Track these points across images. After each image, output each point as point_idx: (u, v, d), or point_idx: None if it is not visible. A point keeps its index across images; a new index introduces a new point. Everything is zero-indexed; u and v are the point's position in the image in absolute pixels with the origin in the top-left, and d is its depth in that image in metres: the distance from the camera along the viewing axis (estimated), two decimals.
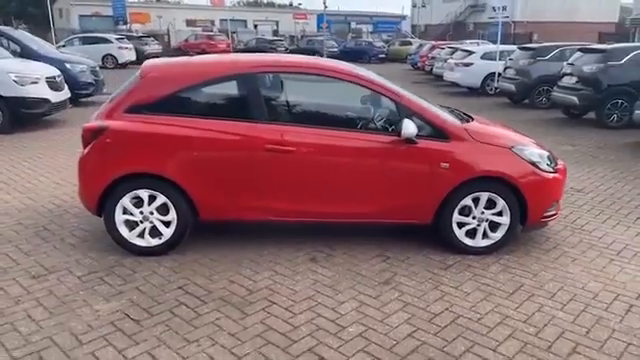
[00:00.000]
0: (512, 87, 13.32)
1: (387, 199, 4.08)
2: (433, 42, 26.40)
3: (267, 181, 4.01)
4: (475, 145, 4.03)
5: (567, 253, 4.26)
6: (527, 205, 4.08)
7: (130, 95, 4.03)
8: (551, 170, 4.19)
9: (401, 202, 4.09)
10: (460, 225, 4.13)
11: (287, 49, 29.92)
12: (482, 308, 3.40)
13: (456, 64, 16.12)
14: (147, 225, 4.06)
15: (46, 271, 3.84)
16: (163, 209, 4.02)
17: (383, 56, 33.01)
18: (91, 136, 3.97)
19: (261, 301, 3.45)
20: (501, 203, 4.07)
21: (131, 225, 4.05)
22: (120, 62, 24.59)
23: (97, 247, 4.25)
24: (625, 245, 4.44)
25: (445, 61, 18.47)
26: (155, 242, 4.08)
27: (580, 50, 11.15)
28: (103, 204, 4.01)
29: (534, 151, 4.19)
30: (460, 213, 4.11)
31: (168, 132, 3.94)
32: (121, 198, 3.98)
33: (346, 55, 29.04)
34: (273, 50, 30.44)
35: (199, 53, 30.17)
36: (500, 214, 4.11)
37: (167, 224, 4.06)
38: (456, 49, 18.85)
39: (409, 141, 3.94)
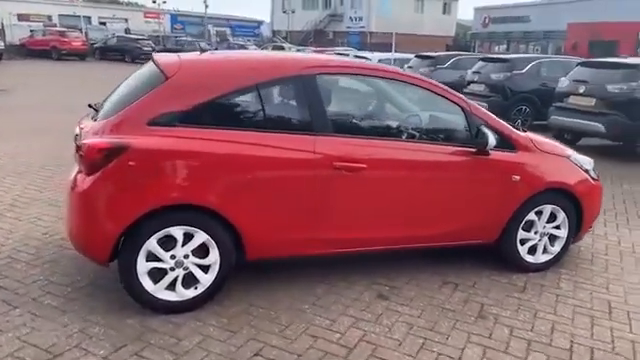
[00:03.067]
0: None
1: (457, 218, 3.62)
2: (313, 48, 26.57)
3: (333, 206, 3.28)
4: (541, 156, 3.77)
5: (605, 260, 4.23)
6: (583, 215, 3.95)
7: (154, 101, 2.99)
8: (597, 178, 4.13)
9: (471, 220, 3.66)
10: (522, 242, 3.86)
11: (154, 49, 27.63)
12: (603, 334, 3.13)
13: None
14: (180, 273, 3.06)
15: (49, 355, 2.66)
16: (201, 250, 3.08)
17: None
18: (103, 159, 2.85)
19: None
20: (562, 215, 3.88)
21: (154, 274, 3.03)
22: None
23: (99, 308, 3.10)
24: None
25: None
26: (191, 294, 3.10)
27: (482, 60, 11.86)
28: (118, 249, 2.94)
29: (585, 159, 4.08)
30: (522, 229, 3.83)
31: (211, 150, 3.01)
32: (147, 240, 2.94)
33: None
34: (139, 50, 27.92)
35: (47, 51, 26.42)
36: (558, 227, 3.93)
37: (205, 269, 3.12)
38: (346, 55, 19.14)
39: (481, 152, 3.54)
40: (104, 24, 50.36)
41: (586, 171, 3.99)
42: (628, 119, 7.76)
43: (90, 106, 3.54)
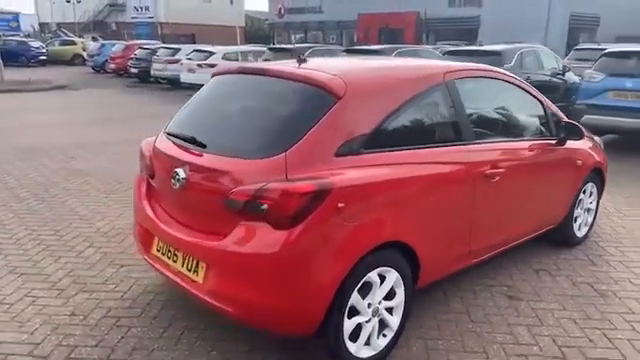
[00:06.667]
0: None
1: (549, 208, 3.84)
2: (126, 42, 24.08)
3: (480, 215, 3.14)
4: (588, 140, 4.19)
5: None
6: (604, 187, 4.53)
7: (334, 128, 2.43)
8: None
9: (554, 207, 3.91)
10: (575, 219, 4.23)
11: None
12: None
13: (199, 65, 15.29)
14: (375, 323, 2.60)
15: None
16: (389, 291, 2.66)
17: (44, 58, 27.95)
18: (306, 206, 2.23)
19: None
20: (595, 190, 4.39)
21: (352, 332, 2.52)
22: None
23: None
24: None
25: (169, 62, 17.35)
26: (382, 343, 2.67)
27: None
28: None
29: (599, 138, 4.63)
30: (577, 207, 4.20)
31: (401, 176, 2.61)
32: (353, 292, 2.42)
33: None
34: None
35: None
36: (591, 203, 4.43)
37: (390, 311, 2.71)
38: (177, 49, 17.92)
39: (560, 143, 3.76)
40: None
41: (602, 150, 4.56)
42: None
43: (184, 139, 2.74)
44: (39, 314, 3.13)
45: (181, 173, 2.58)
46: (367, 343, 2.59)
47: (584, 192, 4.23)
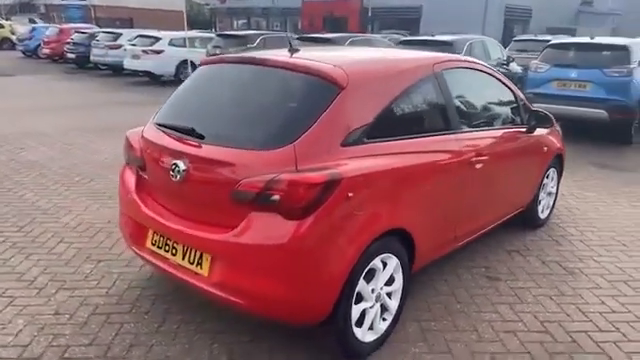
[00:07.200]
0: None
1: (520, 193, 4.06)
2: (60, 25, 22.70)
3: (465, 200, 3.27)
4: (555, 128, 4.44)
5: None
6: (562, 175, 4.83)
7: (339, 118, 2.45)
8: None
9: (523, 192, 4.14)
10: (539, 202, 4.49)
11: None
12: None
13: (144, 51, 14.70)
14: (377, 307, 2.68)
15: None
16: (389, 277, 2.74)
17: None
18: (317, 196, 2.25)
19: None
20: (556, 175, 4.68)
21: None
22: None
23: None
24: None
25: (110, 48, 16.60)
26: (383, 326, 2.75)
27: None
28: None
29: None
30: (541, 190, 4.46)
31: (401, 164, 2.68)
32: (359, 279, 2.48)
33: None
34: None
35: None
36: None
37: (389, 295, 2.79)
38: (118, 34, 17.16)
39: (529, 131, 3.97)
40: None
41: None
42: None
43: (180, 130, 2.68)
44: (20, 315, 2.98)
45: (181, 165, 2.52)
46: (370, 327, 2.66)
47: (547, 177, 4.49)
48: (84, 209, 4.70)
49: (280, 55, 2.84)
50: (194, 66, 14.81)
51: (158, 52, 14.66)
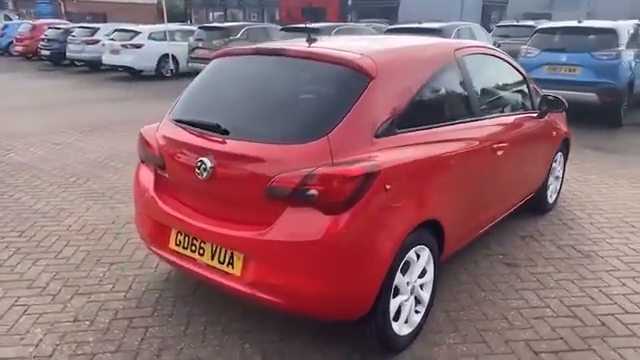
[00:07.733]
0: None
1: (531, 179, 4.06)
2: (32, 21, 22.02)
3: (487, 187, 3.25)
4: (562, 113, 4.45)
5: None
6: (567, 159, 4.86)
7: (371, 108, 2.38)
8: None
9: (535, 178, 4.13)
10: (548, 187, 4.50)
11: None
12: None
13: (123, 46, 14.36)
14: (412, 300, 2.64)
15: None
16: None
17: None
18: (357, 190, 2.18)
19: None
20: (563, 158, 4.70)
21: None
22: None
23: None
24: None
25: (87, 43, 16.19)
26: (417, 319, 2.71)
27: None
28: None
29: None
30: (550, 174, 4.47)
31: (429, 155, 2.62)
32: (396, 273, 2.43)
33: None
34: None
35: None
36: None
37: (421, 287, 2.75)
38: (95, 29, 16.73)
39: (540, 116, 3.96)
40: None
41: None
42: None
43: (202, 125, 2.58)
44: (38, 323, 2.86)
45: (207, 162, 2.43)
46: (406, 321, 2.62)
47: (555, 161, 4.50)
48: (85, 210, 4.55)
49: (301, 45, 2.75)
50: (176, 60, 14.58)
51: (138, 46, 14.33)
